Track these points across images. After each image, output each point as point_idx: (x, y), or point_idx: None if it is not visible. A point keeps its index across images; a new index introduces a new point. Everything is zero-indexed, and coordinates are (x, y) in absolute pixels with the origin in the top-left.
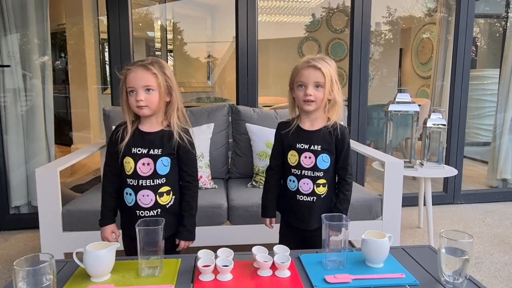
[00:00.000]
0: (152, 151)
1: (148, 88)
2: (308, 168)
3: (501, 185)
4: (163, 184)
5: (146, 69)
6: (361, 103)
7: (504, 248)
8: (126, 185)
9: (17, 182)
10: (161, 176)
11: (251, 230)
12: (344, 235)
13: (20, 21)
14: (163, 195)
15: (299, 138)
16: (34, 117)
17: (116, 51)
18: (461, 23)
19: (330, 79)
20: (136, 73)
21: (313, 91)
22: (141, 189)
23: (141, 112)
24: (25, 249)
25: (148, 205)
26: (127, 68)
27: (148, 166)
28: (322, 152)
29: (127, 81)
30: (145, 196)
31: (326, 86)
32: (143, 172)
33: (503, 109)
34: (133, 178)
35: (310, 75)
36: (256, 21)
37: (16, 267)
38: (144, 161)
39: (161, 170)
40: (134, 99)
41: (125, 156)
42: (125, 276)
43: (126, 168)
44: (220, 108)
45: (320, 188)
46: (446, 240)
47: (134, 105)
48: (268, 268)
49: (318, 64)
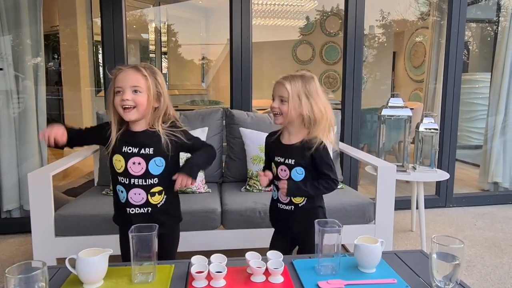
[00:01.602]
0: (143, 150)
1: (136, 89)
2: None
3: (493, 188)
4: (155, 184)
5: (136, 70)
6: (355, 107)
7: (495, 251)
8: (117, 183)
9: (8, 185)
10: (153, 176)
11: (245, 235)
12: (337, 240)
13: (13, 22)
14: (155, 195)
15: (277, 151)
16: (27, 120)
17: (110, 53)
18: (453, 27)
19: (297, 95)
20: (126, 73)
21: (278, 104)
22: (132, 188)
23: (126, 115)
24: (17, 254)
25: (139, 203)
26: (118, 68)
27: (139, 165)
28: (296, 165)
29: (116, 81)
30: (137, 194)
31: (289, 101)
32: (134, 171)
33: (494, 112)
34: (125, 177)
35: (276, 90)
36: (250, 25)
37: (8, 275)
38: (135, 160)
39: (154, 170)
40: (120, 98)
41: (115, 153)
42: (118, 282)
43: (116, 166)
44: (214, 112)
45: (297, 198)
46: (438, 245)
47: (118, 105)
48: (261, 274)
49: (284, 81)
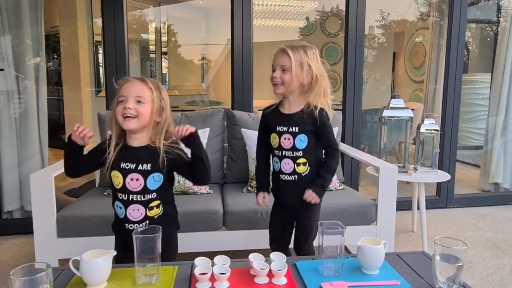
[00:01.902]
0: (141, 167)
1: (139, 100)
2: (288, 149)
3: (493, 189)
4: (154, 199)
5: (142, 82)
6: (356, 108)
7: (496, 252)
8: (116, 199)
9: (9, 186)
10: (151, 191)
11: (247, 236)
12: (340, 242)
13: (14, 23)
14: (153, 209)
15: (279, 121)
16: (28, 120)
17: (111, 54)
18: (453, 28)
19: (300, 64)
20: (132, 83)
21: (280, 73)
22: (131, 204)
23: (125, 124)
24: (18, 255)
25: (138, 219)
26: (124, 79)
27: (137, 181)
28: (300, 133)
29: (120, 90)
30: (135, 210)
31: (292, 69)
32: (132, 187)
33: (495, 113)
34: (123, 193)
35: (277, 60)
36: (251, 25)
37: (13, 277)
38: (133, 176)
39: (151, 185)
40: (122, 107)
41: (113, 169)
42: (122, 284)
43: (115, 182)
44: (216, 113)
45: (300, 167)
46: (440, 247)
47: (120, 113)
48: (265, 276)
49: (287, 49)
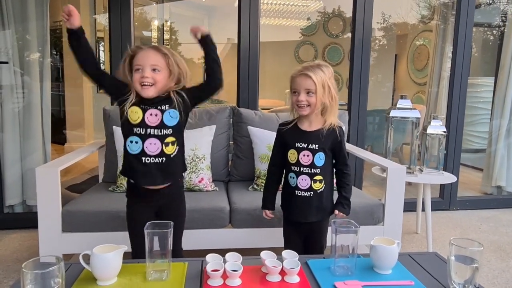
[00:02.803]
0: (160, 107)
1: (155, 68)
2: (306, 166)
3: (496, 192)
4: (169, 135)
5: (156, 50)
6: (361, 108)
7: (501, 255)
8: (131, 134)
9: (11, 180)
10: (168, 127)
11: (254, 234)
12: (353, 241)
13: (19, 17)
14: (169, 145)
15: (298, 137)
16: (31, 115)
17: (117, 50)
18: (460, 31)
19: (322, 86)
20: (147, 52)
21: (305, 97)
22: (148, 138)
23: (144, 91)
24: (20, 249)
25: (155, 153)
26: (138, 47)
27: (156, 116)
28: (319, 151)
29: (135, 58)
30: (152, 144)
31: (317, 92)
32: (151, 122)
33: (499, 116)
34: (141, 127)
35: (301, 83)
36: (258, 24)
37: (25, 270)
38: (152, 112)
39: (168, 121)
40: (140, 75)
41: (132, 105)
42: (132, 279)
43: (132, 118)
44: (222, 110)
45: (317, 184)
46: (456, 247)
47: (137, 81)
48: (277, 274)
49: (309, 73)
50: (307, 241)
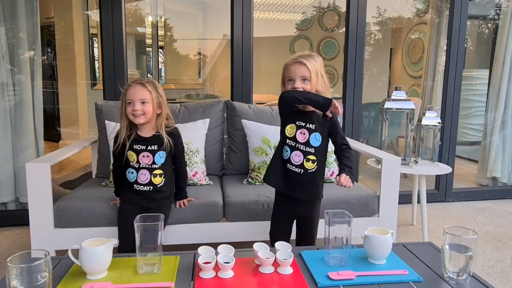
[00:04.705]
0: (150, 147)
1: (143, 101)
2: (301, 143)
3: (491, 183)
4: (157, 168)
5: (143, 86)
6: (356, 101)
7: (496, 245)
8: (130, 167)
9: (4, 178)
10: (157, 163)
11: (248, 227)
12: (346, 231)
13: (8, 13)
14: (156, 176)
15: (298, 115)
16: (23, 111)
17: (108, 47)
18: (454, 23)
19: (316, 74)
20: (135, 88)
21: (301, 84)
22: (140, 169)
23: (136, 120)
24: (13, 247)
25: (144, 182)
26: (128, 85)
27: (148, 158)
28: (315, 131)
29: (127, 94)
30: (143, 174)
31: (312, 79)
32: (144, 162)
33: (494, 108)
34: (137, 163)
35: (296, 71)
36: (251, 18)
37: (10, 264)
38: (144, 154)
39: (158, 160)
40: (132, 108)
41: (129, 150)
42: (123, 273)
43: (130, 159)
44: (216, 104)
45: (309, 163)
46: (450, 236)
47: (130, 113)
48: (270, 265)
49: (304, 60)
50: (299, 230)
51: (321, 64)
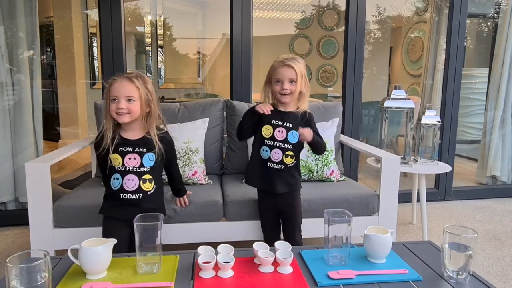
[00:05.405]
0: (138, 149)
1: (129, 99)
2: (280, 141)
3: (491, 182)
4: (146, 172)
5: (130, 81)
6: (355, 100)
7: (495, 243)
8: (114, 172)
9: (4, 177)
10: (146, 167)
11: (248, 227)
12: (346, 231)
13: (7, 13)
14: (146, 182)
15: (275, 116)
16: (22, 111)
17: (108, 46)
18: (454, 22)
19: (301, 76)
20: (121, 83)
21: (288, 85)
22: (127, 174)
23: (119, 119)
24: (13, 246)
25: (132, 189)
26: (113, 79)
27: (135, 160)
28: (292, 129)
29: (111, 90)
30: (130, 180)
31: (298, 81)
32: (131, 165)
33: (493, 107)
34: (122, 166)
35: (285, 73)
36: (251, 17)
37: (9, 264)
38: (131, 156)
39: (147, 163)
40: (116, 106)
41: (113, 153)
42: (122, 273)
43: (114, 163)
44: (215, 103)
45: (288, 158)
46: (449, 235)
47: (113, 111)
48: (270, 264)
49: (292, 63)
50: (283, 219)
51: (304, 66)
